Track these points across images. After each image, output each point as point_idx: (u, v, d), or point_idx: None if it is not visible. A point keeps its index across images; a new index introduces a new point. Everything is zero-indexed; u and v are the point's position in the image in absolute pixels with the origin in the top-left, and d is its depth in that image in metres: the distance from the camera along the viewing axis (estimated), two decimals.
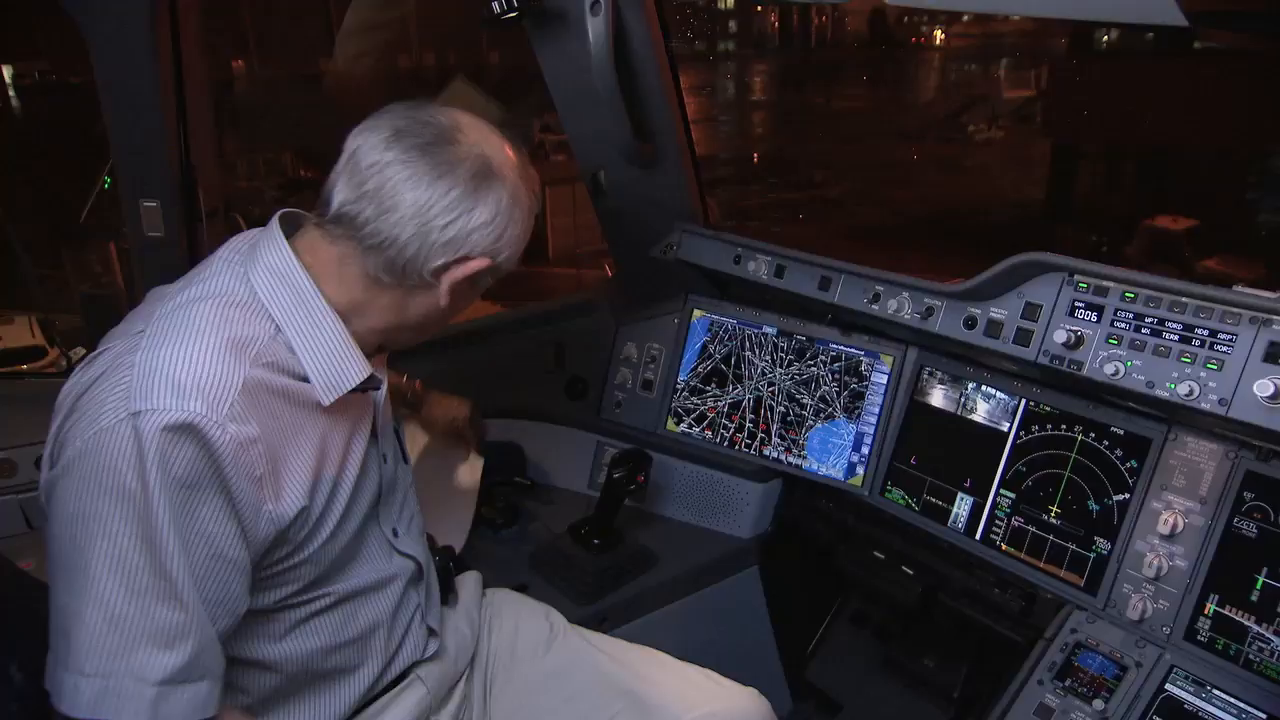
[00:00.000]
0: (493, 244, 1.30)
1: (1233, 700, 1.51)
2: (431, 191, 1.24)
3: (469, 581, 1.75)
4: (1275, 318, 1.46)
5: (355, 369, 1.29)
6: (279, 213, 1.34)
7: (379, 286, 1.29)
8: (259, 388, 1.18)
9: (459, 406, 2.16)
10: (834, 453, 2.20)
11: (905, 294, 1.95)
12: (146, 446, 1.08)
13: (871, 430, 2.15)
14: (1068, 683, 1.64)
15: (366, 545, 1.41)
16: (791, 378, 2.28)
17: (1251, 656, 1.52)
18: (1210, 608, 1.57)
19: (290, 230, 1.32)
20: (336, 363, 1.28)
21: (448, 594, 1.65)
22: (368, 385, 1.34)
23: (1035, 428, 1.86)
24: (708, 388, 2.39)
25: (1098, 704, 1.58)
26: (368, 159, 1.24)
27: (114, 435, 1.09)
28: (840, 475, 2.18)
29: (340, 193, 1.25)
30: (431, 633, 1.55)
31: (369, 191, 1.23)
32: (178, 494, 1.10)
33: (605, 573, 2.11)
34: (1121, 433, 1.74)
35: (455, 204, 1.26)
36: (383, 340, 1.37)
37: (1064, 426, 1.82)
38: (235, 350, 1.18)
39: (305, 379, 1.25)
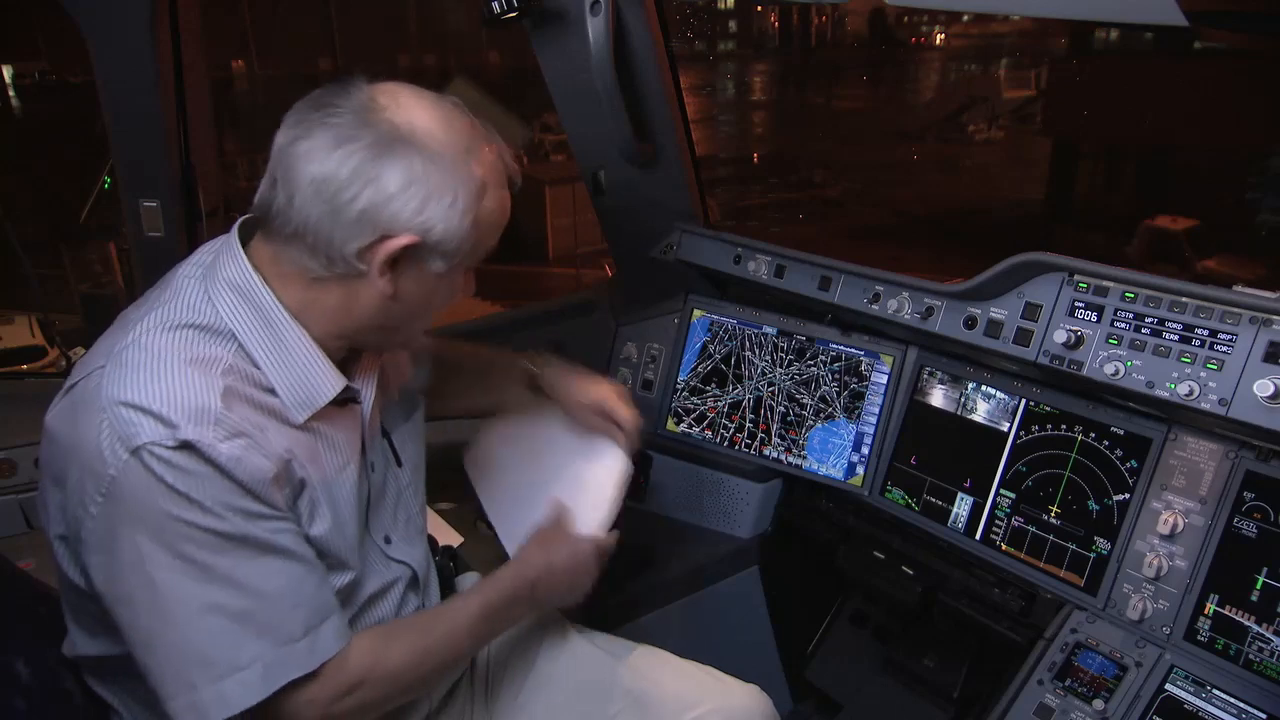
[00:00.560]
0: (414, 217, 1.18)
1: (1233, 700, 1.51)
2: (328, 163, 1.15)
3: (469, 582, 1.75)
4: (1275, 318, 1.46)
5: (326, 385, 1.25)
6: (239, 220, 1.28)
7: (319, 283, 1.22)
8: (235, 401, 1.16)
9: (605, 384, 1.79)
10: (834, 453, 2.20)
11: (905, 294, 1.95)
12: (163, 473, 1.08)
13: (871, 430, 2.15)
14: (1068, 683, 1.64)
15: (362, 556, 1.39)
16: (791, 378, 2.28)
17: (1251, 656, 1.52)
18: (1210, 608, 1.57)
19: (249, 237, 1.26)
20: (305, 379, 1.23)
21: (448, 596, 1.64)
22: (345, 398, 1.29)
23: (1035, 428, 1.86)
24: (708, 388, 2.39)
25: (1098, 704, 1.58)
26: (277, 143, 1.18)
27: (129, 480, 1.08)
28: (840, 475, 2.18)
29: (263, 185, 1.20)
30: None
31: (278, 178, 1.17)
32: (212, 503, 1.11)
33: (605, 572, 2.10)
34: (1121, 433, 1.74)
35: (357, 174, 1.15)
36: (348, 344, 1.30)
37: (1064, 426, 1.82)
38: (202, 369, 1.15)
39: (274, 391, 1.22)
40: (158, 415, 1.09)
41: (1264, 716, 1.47)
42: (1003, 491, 1.89)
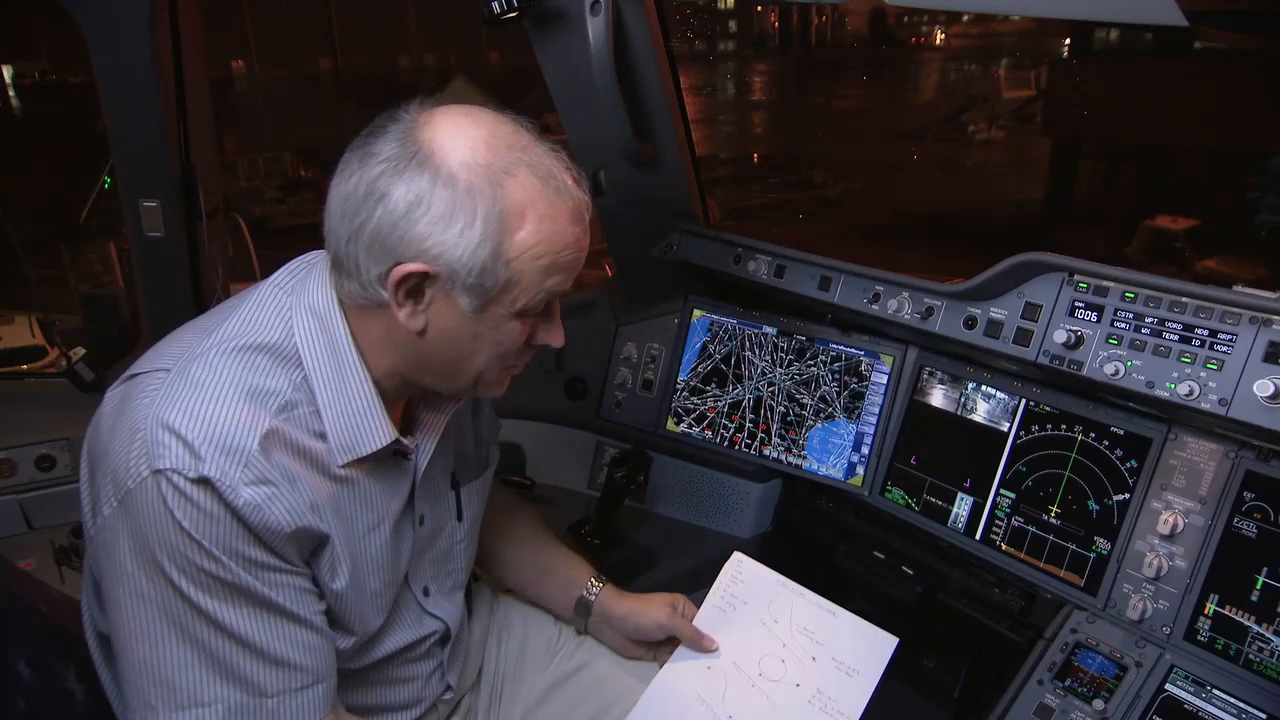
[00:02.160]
0: (421, 243, 1.09)
1: (1233, 700, 1.51)
2: (350, 180, 1.12)
3: (482, 593, 1.74)
4: (1275, 318, 1.46)
5: (375, 434, 1.21)
6: None
7: (364, 311, 1.19)
8: (276, 445, 1.13)
9: (658, 605, 1.67)
10: (834, 453, 2.20)
11: (905, 294, 1.95)
12: (174, 503, 1.06)
13: (871, 430, 2.15)
14: (1068, 683, 1.64)
15: (396, 608, 1.37)
16: (791, 378, 2.28)
17: (1251, 656, 1.52)
18: (1210, 608, 1.57)
19: None
20: (355, 422, 1.20)
21: (476, 618, 1.64)
22: (396, 450, 1.26)
23: (1035, 428, 1.86)
24: (708, 388, 2.39)
25: (1098, 704, 1.58)
26: None
27: (142, 498, 1.07)
28: (840, 475, 2.18)
29: None
30: (448, 687, 1.53)
31: (326, 203, 1.17)
32: (219, 543, 1.09)
33: (605, 573, 2.10)
34: (1121, 433, 1.74)
35: (370, 192, 1.10)
36: (403, 382, 1.26)
37: (1064, 426, 1.82)
38: (254, 405, 1.12)
39: (323, 436, 1.19)
40: (189, 444, 1.07)
41: (1264, 716, 1.47)
42: (1003, 491, 1.89)
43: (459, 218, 1.10)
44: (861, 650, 1.56)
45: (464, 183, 1.09)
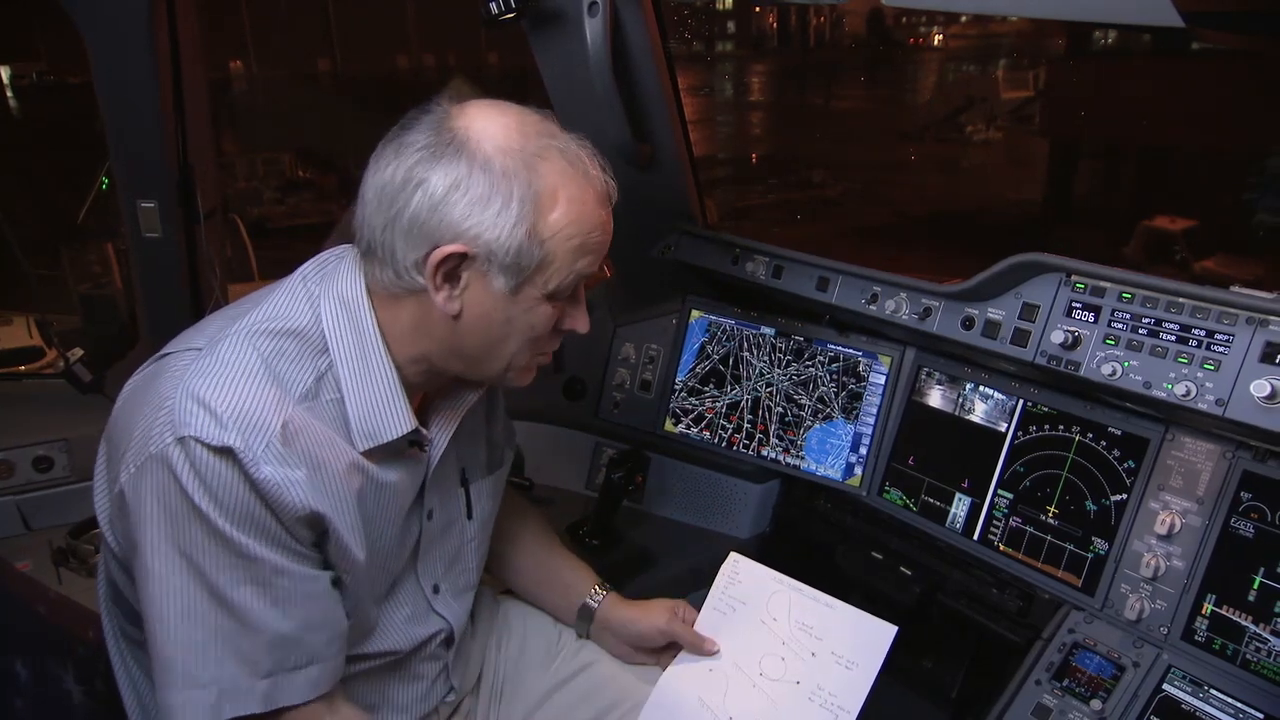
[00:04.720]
0: (459, 224, 1.14)
1: (1230, 700, 1.51)
2: (387, 170, 1.17)
3: (483, 594, 1.74)
4: (1272, 318, 1.46)
5: (395, 422, 1.23)
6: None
7: (395, 300, 1.22)
8: (300, 430, 1.15)
9: (659, 610, 1.66)
10: (832, 453, 2.20)
11: (903, 294, 1.95)
12: (198, 466, 1.08)
13: (869, 430, 2.15)
14: (1065, 683, 1.64)
15: (402, 602, 1.38)
16: (789, 378, 2.28)
17: (1249, 656, 1.52)
18: (1208, 608, 1.57)
19: None
20: (377, 410, 1.22)
21: (482, 627, 1.64)
22: (414, 440, 1.28)
23: (1033, 428, 1.86)
24: (706, 388, 2.39)
25: (1095, 704, 1.59)
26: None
27: (162, 461, 1.09)
28: (838, 475, 2.19)
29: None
30: (451, 689, 1.53)
31: (360, 192, 1.20)
32: (232, 515, 1.10)
33: (604, 574, 2.11)
34: (1119, 433, 1.74)
35: (408, 179, 1.14)
36: (429, 368, 1.28)
37: (1061, 427, 1.82)
38: (279, 389, 1.15)
39: (346, 423, 1.21)
40: (215, 414, 1.09)
41: (1261, 716, 1.48)
42: (1000, 492, 1.89)
43: (496, 199, 1.14)
44: (860, 642, 1.57)
45: (500, 166, 1.15)
